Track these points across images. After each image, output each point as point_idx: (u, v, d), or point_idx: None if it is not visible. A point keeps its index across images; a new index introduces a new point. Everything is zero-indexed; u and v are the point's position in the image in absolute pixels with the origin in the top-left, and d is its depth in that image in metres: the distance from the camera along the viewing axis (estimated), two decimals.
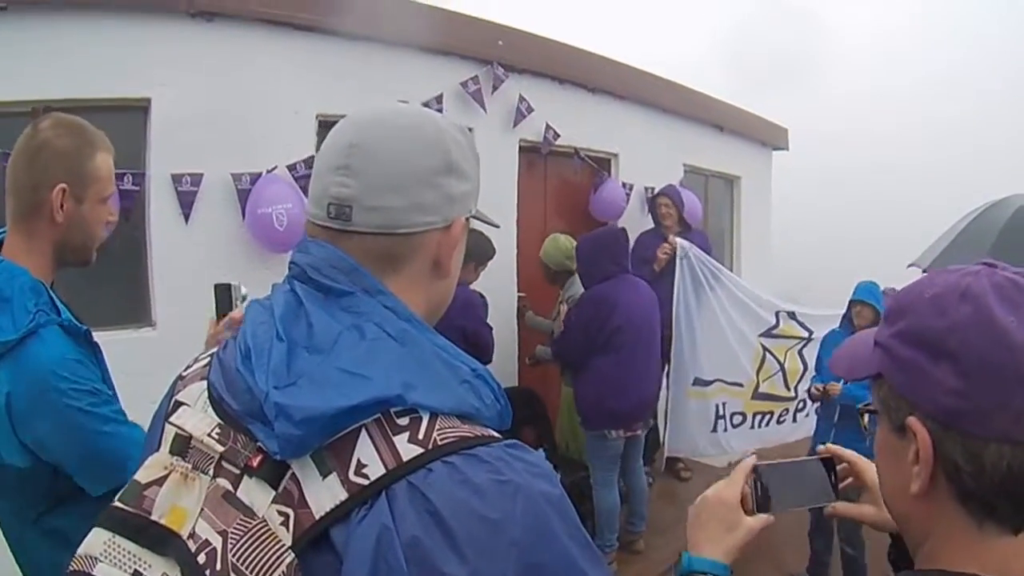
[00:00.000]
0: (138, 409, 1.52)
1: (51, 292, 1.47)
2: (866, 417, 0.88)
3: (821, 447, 1.09)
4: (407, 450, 0.69)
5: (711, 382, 4.73)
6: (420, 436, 0.70)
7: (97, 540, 0.72)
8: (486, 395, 0.78)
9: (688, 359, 4.65)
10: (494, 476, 0.69)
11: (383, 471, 0.68)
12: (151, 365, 2.21)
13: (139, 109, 3.30)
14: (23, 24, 3.01)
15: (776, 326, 4.83)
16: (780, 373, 4.89)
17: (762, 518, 1.02)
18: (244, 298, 1.72)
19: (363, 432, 0.70)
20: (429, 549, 0.65)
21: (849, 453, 1.08)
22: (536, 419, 4.38)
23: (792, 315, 4.87)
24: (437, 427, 0.71)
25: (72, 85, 3.10)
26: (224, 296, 1.71)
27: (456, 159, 0.86)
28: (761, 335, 4.80)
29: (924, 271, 3.95)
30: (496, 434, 0.76)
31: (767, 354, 4.83)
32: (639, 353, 3.79)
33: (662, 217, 5.16)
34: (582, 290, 3.98)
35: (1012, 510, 0.69)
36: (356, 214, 0.81)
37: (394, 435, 0.70)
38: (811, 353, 4.77)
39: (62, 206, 1.47)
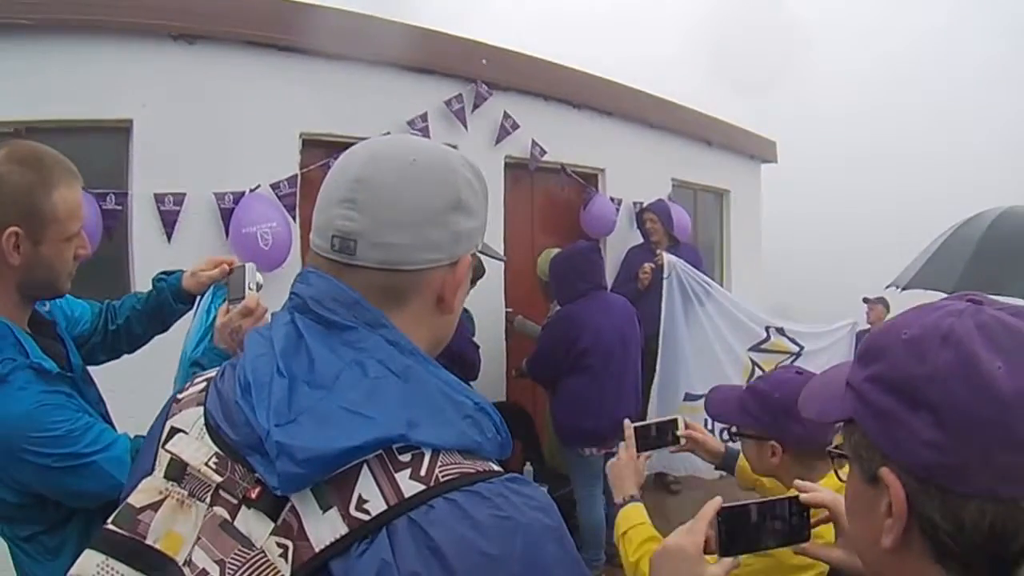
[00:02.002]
0: (120, 426, 1.53)
1: (16, 333, 1.40)
2: (834, 461, 0.83)
3: (798, 482, 1.07)
4: (409, 486, 0.69)
5: (701, 396, 4.70)
6: (422, 473, 0.70)
7: (90, 562, 0.72)
8: (488, 428, 0.78)
9: (678, 375, 4.61)
10: (495, 512, 0.69)
11: (384, 507, 0.67)
12: (131, 382, 2.20)
13: (121, 130, 3.32)
14: (5, 45, 3.02)
15: (767, 340, 4.80)
16: None
17: (727, 563, 1.00)
18: (259, 285, 1.66)
19: (365, 468, 0.69)
20: None
21: (824, 495, 1.04)
22: (523, 433, 4.35)
23: (781, 331, 4.85)
24: (439, 463, 0.71)
25: (54, 106, 3.12)
26: (238, 280, 1.66)
27: (465, 198, 0.85)
28: (751, 349, 4.76)
29: (902, 290, 3.96)
30: (497, 468, 0.75)
31: (755, 368, 4.80)
32: (611, 373, 3.73)
33: (649, 233, 5.17)
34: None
35: (988, 568, 0.64)
36: (361, 249, 0.80)
37: (396, 471, 0.69)
38: (801, 365, 4.75)
39: (17, 248, 1.37)
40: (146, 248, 3.28)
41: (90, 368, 1.68)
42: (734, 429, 1.80)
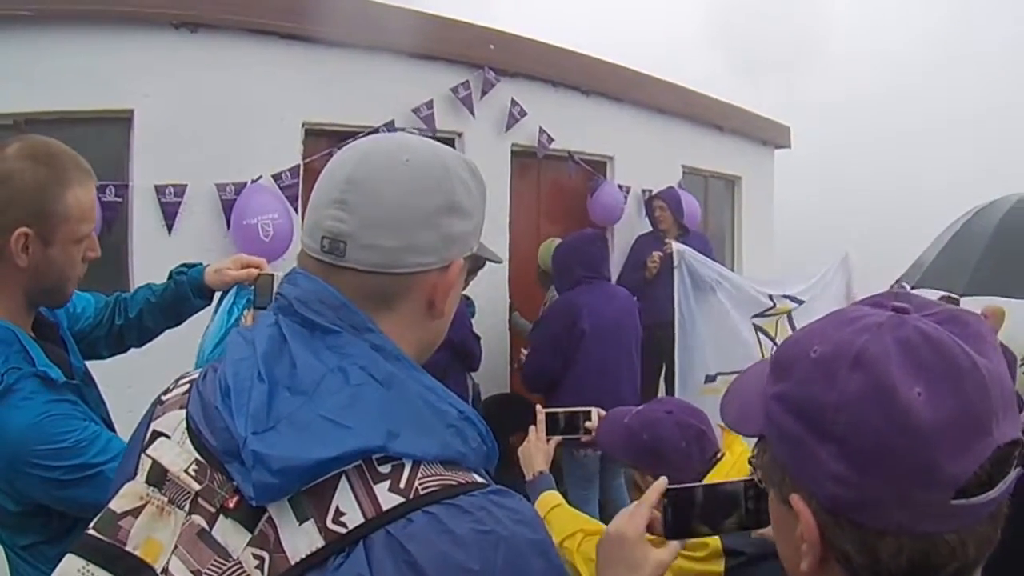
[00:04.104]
0: (119, 421, 1.53)
1: (22, 339, 1.36)
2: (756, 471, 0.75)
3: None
4: (387, 499, 0.67)
5: (715, 377, 4.69)
6: (401, 485, 0.69)
7: (71, 567, 0.72)
8: (472, 438, 0.76)
9: (696, 362, 4.60)
10: (476, 526, 0.68)
11: (362, 520, 0.66)
12: (130, 377, 2.19)
13: (122, 120, 3.30)
14: (4, 37, 3.01)
15: (772, 307, 4.79)
16: (773, 347, 4.85)
17: (673, 547, 0.97)
18: None
19: (343, 479, 0.68)
20: None
21: None
22: (525, 426, 4.33)
23: (784, 296, 4.85)
24: (419, 475, 0.70)
25: (55, 97, 3.12)
26: (265, 288, 1.65)
27: (459, 199, 0.83)
28: (754, 316, 4.72)
29: (912, 289, 3.86)
30: (481, 480, 0.74)
31: (759, 332, 4.75)
32: (607, 365, 3.57)
33: (658, 221, 5.11)
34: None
35: None
36: (350, 251, 0.78)
37: (375, 483, 0.68)
38: (800, 318, 4.73)
39: (26, 249, 1.31)
40: (146, 240, 3.29)
41: (98, 363, 1.66)
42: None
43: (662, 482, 1.00)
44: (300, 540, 0.66)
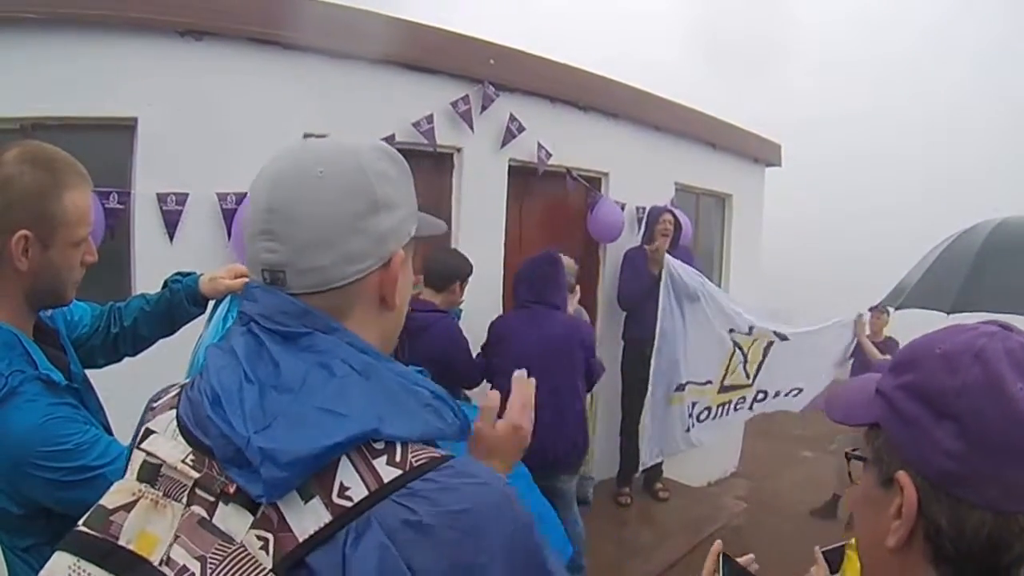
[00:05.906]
0: (117, 427, 1.53)
1: (24, 343, 1.39)
2: (850, 463, 0.88)
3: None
4: (387, 472, 0.72)
5: (684, 385, 4.84)
6: (397, 459, 0.73)
7: (61, 564, 0.73)
8: (447, 415, 0.81)
9: (671, 369, 4.74)
10: (470, 480, 0.74)
11: (366, 493, 0.70)
12: (128, 384, 2.19)
13: (126, 128, 3.29)
14: (10, 41, 3.00)
15: (749, 333, 4.93)
16: (743, 363, 5.01)
17: None
18: None
19: (344, 458, 0.71)
20: (429, 556, 0.69)
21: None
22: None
23: (764, 327, 4.99)
24: (411, 450, 0.74)
25: (59, 103, 3.09)
26: None
27: (383, 195, 0.83)
28: (730, 332, 4.88)
29: (896, 309, 3.94)
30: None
31: (736, 348, 4.94)
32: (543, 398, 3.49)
33: (660, 232, 5.10)
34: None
35: (977, 574, 0.70)
36: (290, 278, 0.81)
37: (373, 459, 0.72)
38: (779, 350, 4.94)
39: (26, 252, 1.35)
40: (148, 248, 3.27)
41: (96, 370, 1.68)
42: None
43: (718, 544, 1.12)
44: (307, 518, 0.69)
